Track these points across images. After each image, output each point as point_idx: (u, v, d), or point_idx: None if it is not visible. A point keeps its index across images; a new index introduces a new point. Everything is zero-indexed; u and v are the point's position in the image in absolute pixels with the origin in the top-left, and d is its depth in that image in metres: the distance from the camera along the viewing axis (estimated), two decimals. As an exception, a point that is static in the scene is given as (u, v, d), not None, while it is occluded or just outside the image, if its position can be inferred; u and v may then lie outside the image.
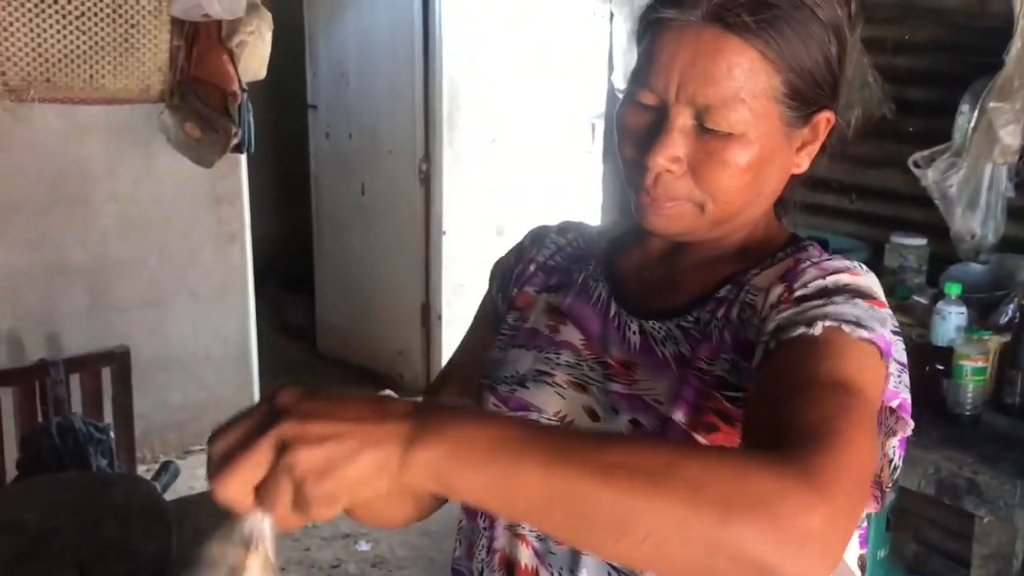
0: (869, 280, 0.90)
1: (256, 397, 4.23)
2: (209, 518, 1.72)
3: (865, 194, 2.80)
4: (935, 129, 2.47)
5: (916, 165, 2.43)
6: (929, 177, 2.38)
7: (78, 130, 3.56)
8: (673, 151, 0.88)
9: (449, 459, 0.65)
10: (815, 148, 0.95)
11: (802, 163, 0.95)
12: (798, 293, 0.87)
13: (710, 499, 0.64)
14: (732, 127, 0.87)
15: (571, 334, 1.01)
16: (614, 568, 0.91)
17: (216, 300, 3.98)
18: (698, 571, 0.67)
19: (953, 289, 2.12)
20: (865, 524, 0.97)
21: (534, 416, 0.97)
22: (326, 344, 5.23)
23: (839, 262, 0.91)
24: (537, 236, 1.13)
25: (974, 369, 2.02)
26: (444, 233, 4.48)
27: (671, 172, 0.89)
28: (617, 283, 1.02)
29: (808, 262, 0.91)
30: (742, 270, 0.96)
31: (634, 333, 0.97)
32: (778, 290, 0.89)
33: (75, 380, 2.58)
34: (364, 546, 3.42)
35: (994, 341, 2.10)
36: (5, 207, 3.46)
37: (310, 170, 5.07)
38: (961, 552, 2.37)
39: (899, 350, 0.89)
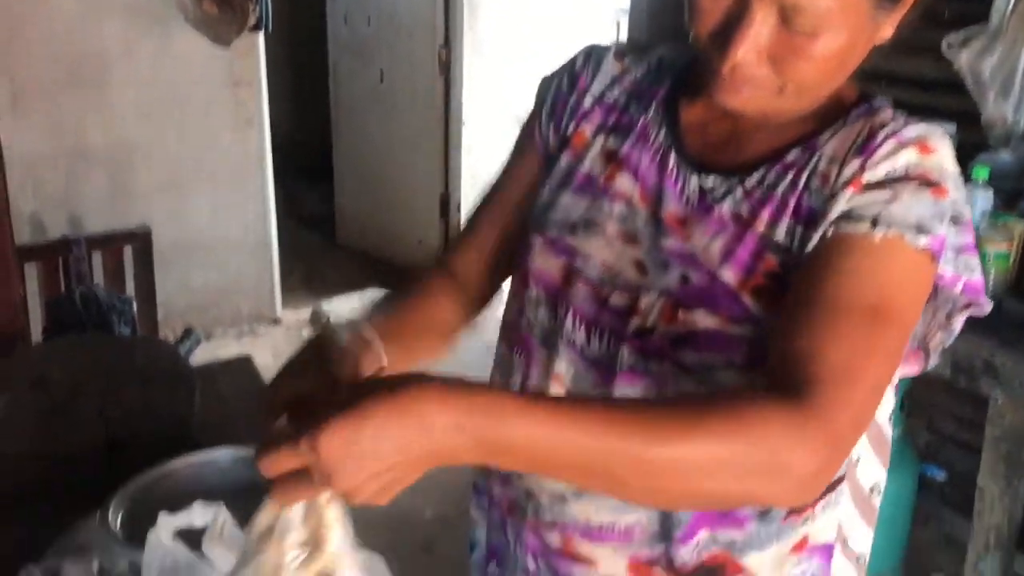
0: (940, 156, 0.87)
1: (276, 284, 4.28)
2: (231, 384, 1.75)
3: (896, 82, 2.73)
4: (972, 12, 2.39)
5: (949, 46, 2.35)
6: (962, 60, 2.32)
7: (95, 10, 3.51)
8: (754, 45, 0.83)
9: (491, 458, 0.71)
10: (900, 15, 0.89)
11: (887, 33, 0.89)
12: (868, 176, 0.85)
13: (725, 460, 0.73)
14: (818, 23, 0.82)
15: (626, 184, 0.98)
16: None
17: (235, 184, 3.97)
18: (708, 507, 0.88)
19: (981, 173, 2.09)
20: (897, 381, 0.96)
21: (580, 264, 0.96)
22: (344, 234, 5.23)
23: (915, 130, 0.87)
24: (590, 57, 1.06)
25: (997, 254, 2.01)
26: (463, 123, 4.43)
27: (750, 62, 0.85)
28: (678, 132, 0.98)
29: (884, 132, 0.87)
30: (812, 132, 0.92)
31: (692, 188, 0.94)
32: (852, 166, 0.86)
33: (97, 260, 2.61)
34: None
35: (1019, 227, 2.08)
36: (24, 90, 3.44)
37: (328, 57, 5.00)
38: (973, 441, 2.39)
39: (960, 230, 0.88)
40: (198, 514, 0.96)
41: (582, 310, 0.95)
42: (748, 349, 0.87)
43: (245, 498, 1.26)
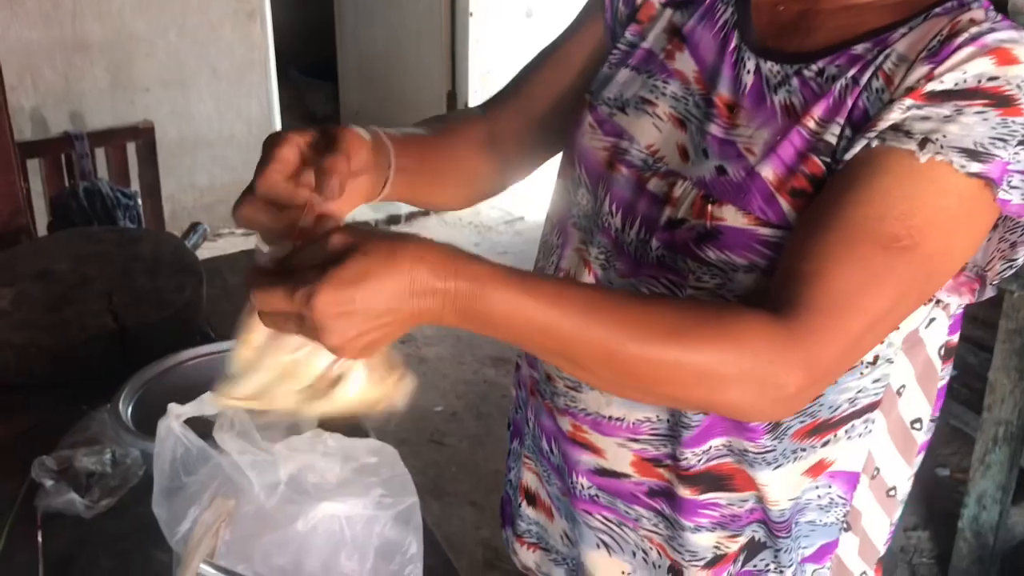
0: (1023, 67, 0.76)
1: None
2: (237, 277, 1.73)
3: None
4: None
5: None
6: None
7: None
8: None
9: (470, 326, 0.70)
10: None
11: None
12: (933, 85, 0.76)
13: (699, 370, 0.73)
14: None
15: (685, 63, 0.92)
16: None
17: (238, 80, 3.89)
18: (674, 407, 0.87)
19: None
20: (959, 311, 0.92)
21: (625, 145, 0.92)
22: (351, 133, 5.15)
23: (1003, 34, 0.77)
24: None
25: None
26: (471, 15, 4.30)
27: None
28: (746, 10, 0.91)
29: (966, 35, 0.77)
30: (889, 25, 0.83)
31: (748, 72, 0.87)
32: (920, 71, 0.77)
33: (101, 157, 2.57)
34: (392, 325, 3.49)
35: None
36: (14, -25, 3.35)
37: (331, -53, 4.85)
38: (985, 339, 2.38)
39: None
40: (208, 404, 0.95)
41: (620, 195, 0.92)
42: (774, 253, 0.82)
43: (256, 388, 1.26)
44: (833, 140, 0.80)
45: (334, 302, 0.64)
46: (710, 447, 0.91)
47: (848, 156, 0.78)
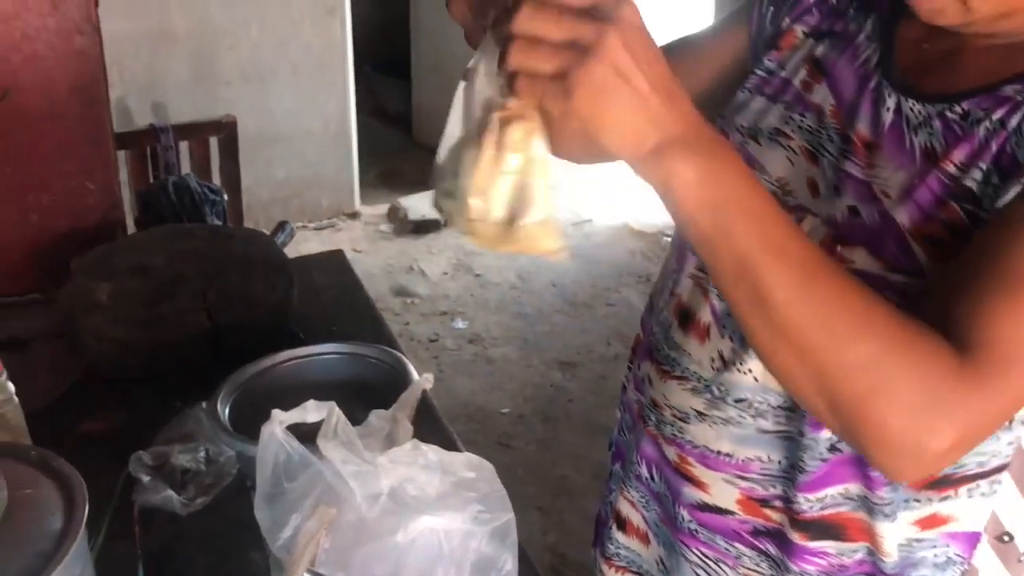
0: None
1: (355, 178, 4.28)
2: (324, 277, 1.75)
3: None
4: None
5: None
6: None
7: None
8: None
9: (689, 187, 0.64)
10: None
11: None
12: None
13: (887, 355, 0.66)
14: None
15: (823, 96, 0.90)
16: None
17: (317, 76, 3.94)
18: (814, 409, 0.72)
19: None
20: None
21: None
22: (421, 130, 5.18)
23: None
24: None
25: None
26: (547, 16, 4.30)
27: None
28: (891, 48, 0.88)
29: None
30: None
31: (888, 110, 0.84)
32: None
33: (183, 149, 2.61)
34: (460, 324, 3.51)
35: None
36: (104, -32, 3.42)
37: (409, -55, 4.88)
38: None
39: None
40: (311, 411, 0.96)
41: None
42: (903, 301, 0.76)
43: (347, 393, 1.27)
44: (974, 185, 0.76)
45: (636, 26, 0.60)
46: (826, 495, 0.88)
47: (1002, 202, 0.74)
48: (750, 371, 0.88)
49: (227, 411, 1.18)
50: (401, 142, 5.24)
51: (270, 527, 0.94)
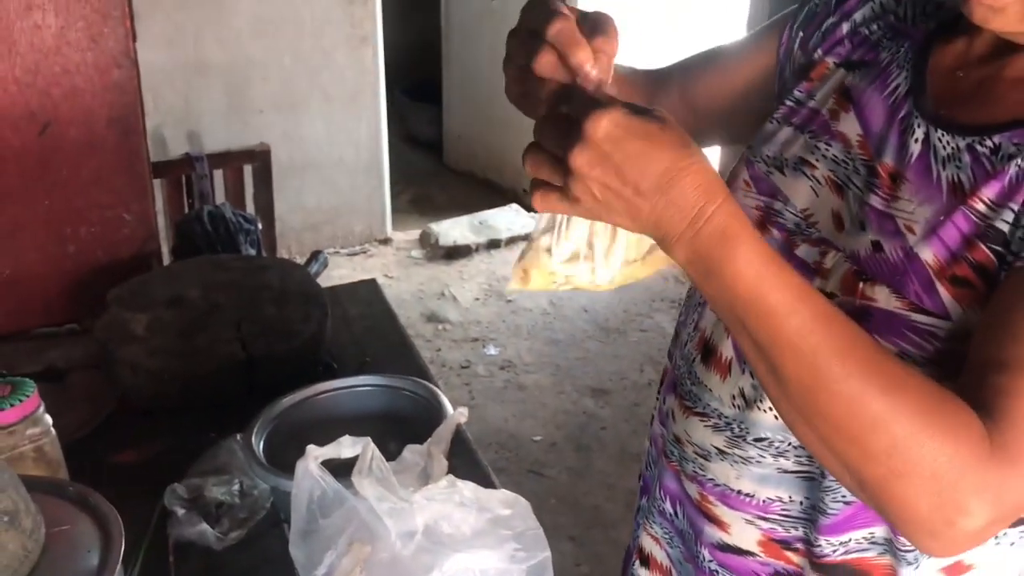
0: None
1: (387, 204, 4.29)
2: (357, 307, 1.74)
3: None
4: None
5: None
6: None
7: (212, -75, 3.50)
8: None
9: (697, 282, 0.67)
10: None
11: None
12: None
13: (906, 438, 0.64)
14: None
15: (850, 126, 0.87)
16: None
17: (349, 104, 3.97)
18: (845, 481, 0.70)
19: None
20: None
21: (779, 206, 0.89)
22: (453, 156, 5.21)
23: None
24: None
25: None
26: (577, 42, 4.31)
27: None
28: (923, 77, 0.84)
29: None
30: None
31: (916, 141, 0.81)
32: None
33: (218, 177, 2.64)
34: (492, 350, 3.50)
35: None
36: (143, 2, 3.47)
37: (440, -26, 4.92)
38: None
39: None
40: (346, 446, 0.96)
41: None
42: (931, 345, 0.75)
43: (381, 426, 1.26)
44: (1005, 228, 0.73)
45: (607, 138, 0.62)
46: (850, 539, 0.86)
47: None
48: (770, 409, 0.86)
49: (261, 444, 1.18)
50: (432, 167, 5.26)
51: (305, 564, 0.93)
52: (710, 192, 0.63)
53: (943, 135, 0.79)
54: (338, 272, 3.83)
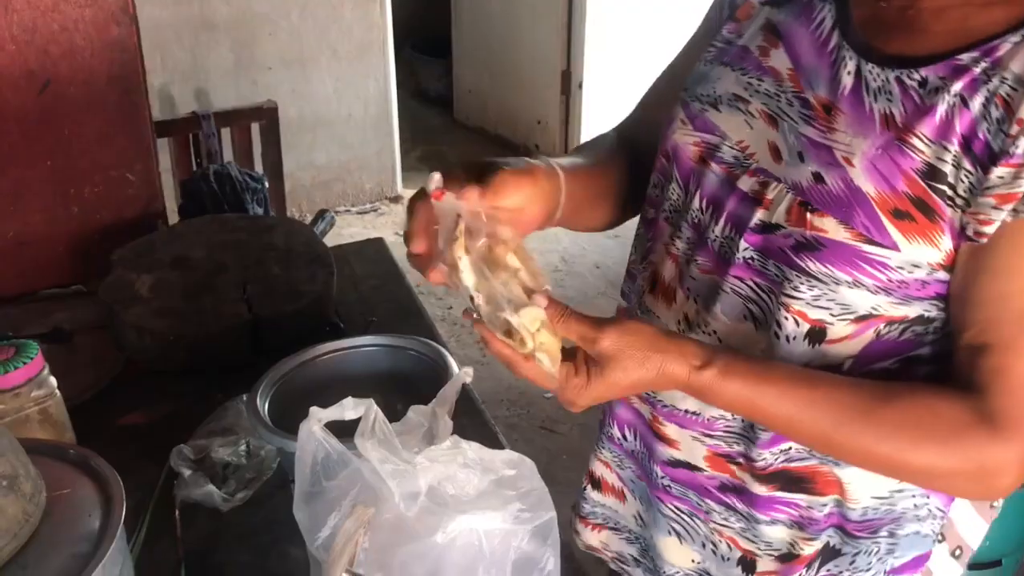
0: None
1: (397, 161, 4.26)
2: (363, 266, 1.73)
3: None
4: None
5: None
6: None
7: None
8: None
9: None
10: None
11: None
12: None
13: (922, 464, 0.79)
14: None
15: (780, 60, 0.88)
16: (749, 310, 0.88)
17: (357, 60, 3.92)
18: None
19: None
20: None
21: (716, 141, 0.90)
22: (463, 111, 5.16)
23: None
24: None
25: None
26: (588, -7, 4.25)
27: None
28: (846, 8, 0.86)
29: None
30: (1004, 30, 0.75)
31: (848, 73, 0.83)
32: None
33: (225, 136, 2.61)
34: (503, 308, 3.48)
35: None
36: (148, -43, 3.43)
37: (449, -76, 4.83)
38: None
39: None
40: (349, 408, 0.95)
41: (710, 191, 0.90)
42: (883, 274, 0.79)
43: (387, 386, 1.25)
44: (947, 170, 0.75)
45: (590, 400, 0.83)
46: (791, 447, 0.91)
47: (988, 229, 0.74)
48: (713, 332, 0.90)
49: (267, 405, 1.17)
50: (442, 123, 5.22)
51: (308, 526, 0.93)
52: (685, 362, 0.80)
53: (873, 68, 0.81)
54: (349, 231, 3.81)
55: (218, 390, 1.32)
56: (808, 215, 0.80)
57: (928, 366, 0.84)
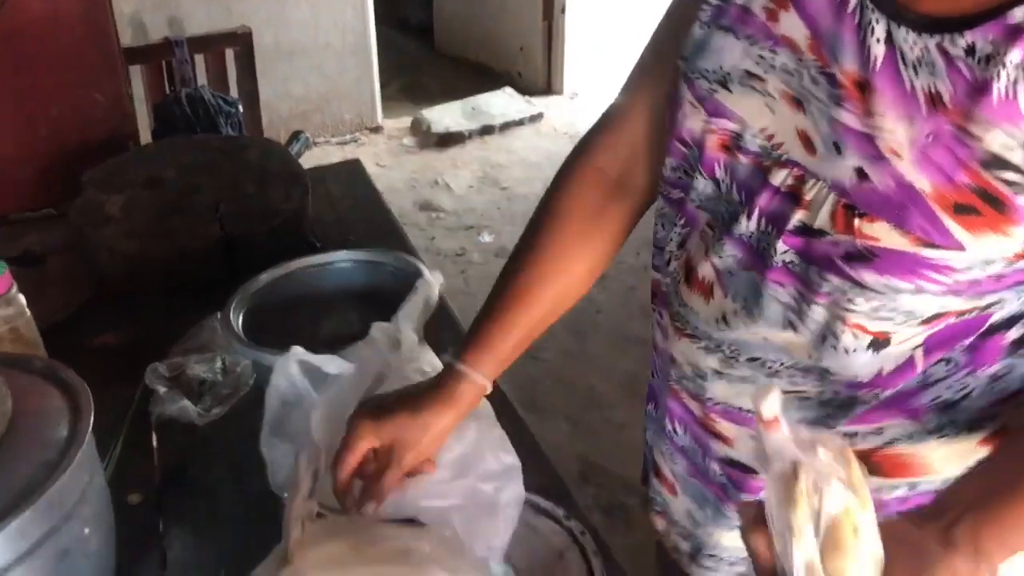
0: None
1: (376, 91, 4.19)
2: (341, 187, 1.70)
3: None
4: None
5: None
6: None
7: None
8: None
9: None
10: None
11: None
12: None
13: None
14: None
15: (794, 27, 0.71)
16: (789, 320, 0.77)
17: (333, -15, 3.84)
18: None
19: None
20: None
21: (737, 128, 0.76)
22: (444, 40, 5.07)
23: None
24: None
25: None
26: (570, -84, 4.16)
27: None
28: None
29: None
30: None
31: (878, 41, 0.66)
32: None
33: (200, 64, 2.56)
34: (487, 238, 3.47)
35: None
36: None
37: None
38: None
39: None
40: (332, 363, 0.93)
41: (743, 182, 0.77)
42: (948, 277, 0.67)
43: (363, 302, 1.24)
44: (1016, 158, 0.62)
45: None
46: (857, 431, 0.83)
47: None
48: (757, 332, 0.80)
49: (240, 320, 1.16)
50: (423, 53, 5.13)
51: (272, 461, 0.94)
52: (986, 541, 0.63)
53: (907, 33, 0.65)
54: (328, 161, 3.77)
55: (192, 311, 1.30)
56: (856, 221, 0.68)
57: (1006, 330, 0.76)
